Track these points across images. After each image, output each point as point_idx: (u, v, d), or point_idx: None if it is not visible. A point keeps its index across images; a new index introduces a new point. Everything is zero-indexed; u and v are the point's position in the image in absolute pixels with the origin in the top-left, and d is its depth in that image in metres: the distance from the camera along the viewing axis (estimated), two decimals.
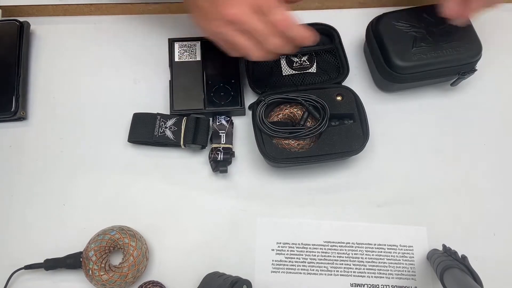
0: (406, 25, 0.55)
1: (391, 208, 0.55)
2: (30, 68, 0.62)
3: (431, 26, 0.55)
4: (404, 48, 0.54)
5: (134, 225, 0.54)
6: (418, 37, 0.54)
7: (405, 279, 0.52)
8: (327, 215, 0.55)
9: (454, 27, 0.54)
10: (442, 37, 0.54)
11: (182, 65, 0.59)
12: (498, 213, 0.55)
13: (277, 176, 0.56)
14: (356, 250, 0.53)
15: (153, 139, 0.56)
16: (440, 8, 0.52)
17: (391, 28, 0.55)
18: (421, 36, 0.54)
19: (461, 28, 0.54)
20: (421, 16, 0.55)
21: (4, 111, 0.58)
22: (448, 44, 0.54)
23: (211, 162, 0.55)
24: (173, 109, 0.57)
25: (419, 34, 0.55)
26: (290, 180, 0.56)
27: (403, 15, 0.56)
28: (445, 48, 0.54)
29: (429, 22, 0.55)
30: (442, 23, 0.54)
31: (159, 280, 0.52)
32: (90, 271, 0.49)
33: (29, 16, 0.64)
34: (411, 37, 0.55)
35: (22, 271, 0.51)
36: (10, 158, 0.58)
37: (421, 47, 0.54)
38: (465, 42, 0.54)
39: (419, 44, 0.54)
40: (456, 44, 0.54)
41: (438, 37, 0.54)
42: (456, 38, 0.54)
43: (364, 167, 0.57)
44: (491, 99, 0.60)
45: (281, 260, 0.53)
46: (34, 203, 0.56)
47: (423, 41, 0.54)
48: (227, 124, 0.57)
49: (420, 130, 0.59)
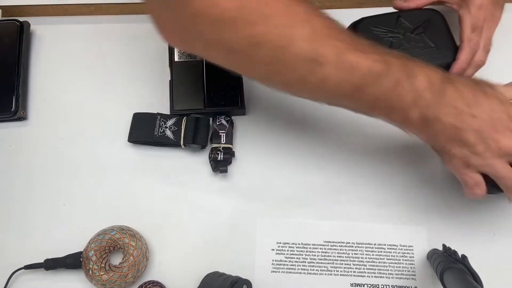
0: (383, 30, 0.54)
1: (391, 208, 0.55)
2: (30, 68, 0.62)
3: (408, 31, 0.54)
4: None
5: (134, 225, 0.54)
6: (394, 42, 0.54)
7: (405, 279, 0.52)
8: (327, 215, 0.55)
9: (431, 33, 0.53)
10: (418, 42, 0.54)
11: (182, 65, 0.59)
12: (498, 213, 0.55)
13: (277, 176, 0.57)
14: (356, 250, 0.53)
15: (153, 139, 0.56)
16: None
17: (370, 33, 0.54)
18: (397, 42, 0.54)
19: (439, 34, 0.54)
20: (398, 20, 0.55)
21: (4, 111, 0.58)
22: (424, 50, 0.53)
23: (211, 162, 0.55)
24: (173, 109, 0.57)
25: (395, 40, 0.54)
26: (290, 180, 0.56)
27: (381, 20, 0.55)
28: (420, 54, 0.53)
29: (406, 27, 0.54)
30: (419, 28, 0.54)
31: (159, 280, 0.52)
32: (90, 271, 0.49)
33: (29, 16, 0.64)
34: (388, 42, 0.54)
35: (22, 271, 0.51)
36: (10, 158, 0.58)
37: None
38: (441, 48, 0.53)
39: (395, 49, 0.53)
40: (432, 51, 0.53)
41: (414, 43, 0.54)
42: (432, 43, 0.53)
43: (364, 166, 0.57)
44: None
45: (281, 260, 0.53)
46: (34, 203, 0.56)
47: (399, 47, 0.53)
48: (227, 124, 0.57)
49: None
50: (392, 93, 0.41)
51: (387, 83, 0.41)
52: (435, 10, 0.56)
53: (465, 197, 0.55)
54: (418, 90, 0.41)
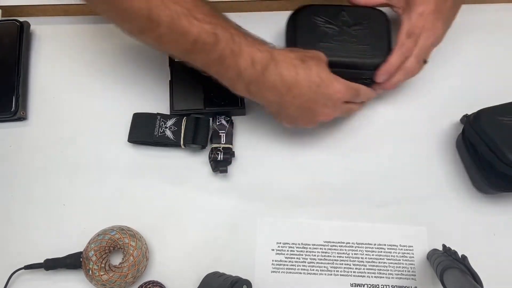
0: (322, 21, 0.54)
1: (391, 208, 0.55)
2: (30, 68, 0.62)
3: (346, 25, 0.54)
4: (312, 42, 0.53)
5: (134, 225, 0.54)
6: (329, 33, 0.53)
7: (405, 279, 0.52)
8: (327, 215, 0.55)
9: (370, 32, 0.53)
10: (352, 38, 0.53)
11: (182, 65, 0.58)
12: (498, 213, 0.55)
13: (276, 176, 0.57)
14: (356, 250, 0.53)
15: (153, 139, 0.56)
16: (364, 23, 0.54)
17: (309, 20, 0.54)
18: (331, 33, 0.53)
19: (377, 34, 0.53)
20: (340, 14, 0.54)
21: (4, 111, 0.58)
22: (356, 46, 0.53)
23: (211, 162, 0.55)
24: (173, 109, 0.57)
25: (330, 31, 0.54)
26: (290, 180, 0.56)
27: (324, 10, 0.55)
28: (351, 49, 0.53)
29: (346, 22, 0.54)
30: (359, 25, 0.54)
31: (159, 280, 0.52)
32: (90, 271, 0.49)
33: (29, 16, 0.64)
34: (323, 32, 0.54)
35: (22, 271, 0.51)
36: (10, 158, 0.58)
37: (330, 43, 0.53)
38: (374, 48, 0.53)
39: (328, 40, 0.53)
40: (364, 48, 0.53)
41: (348, 37, 0.53)
42: (366, 41, 0.53)
43: (364, 166, 0.57)
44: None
45: (281, 260, 0.53)
46: (34, 203, 0.56)
47: (333, 38, 0.53)
48: (227, 124, 0.57)
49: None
50: (218, 65, 0.46)
51: (212, 55, 0.45)
52: (381, 11, 0.55)
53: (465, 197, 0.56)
54: (240, 68, 0.45)
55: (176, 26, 0.43)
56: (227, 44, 0.44)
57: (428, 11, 0.51)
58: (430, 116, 0.59)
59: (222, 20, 0.45)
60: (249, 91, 0.48)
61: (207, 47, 0.44)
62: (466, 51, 0.58)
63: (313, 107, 0.49)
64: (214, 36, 0.44)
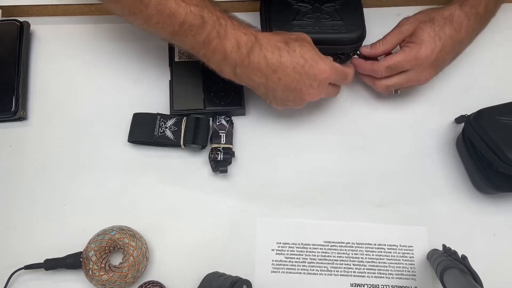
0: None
1: (391, 208, 0.55)
2: (30, 68, 0.62)
3: (318, 3, 0.55)
4: (285, 20, 0.54)
5: (134, 225, 0.54)
6: (302, 11, 0.55)
7: (405, 279, 0.52)
8: (327, 215, 0.55)
9: (343, 9, 0.55)
10: (325, 14, 0.55)
11: (182, 65, 0.59)
12: (498, 213, 0.55)
13: (276, 176, 0.57)
14: (356, 250, 0.53)
15: (153, 139, 0.56)
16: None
17: (280, 0, 0.56)
18: (304, 11, 0.55)
19: (351, 12, 0.55)
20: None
21: (4, 111, 0.58)
22: (329, 22, 0.54)
23: (211, 162, 0.55)
24: (173, 109, 0.57)
25: (303, 9, 0.55)
26: (290, 180, 0.56)
27: None
28: (325, 26, 0.54)
29: (318, 0, 0.55)
30: (332, 2, 0.55)
31: (159, 280, 0.52)
32: (90, 271, 0.49)
33: (29, 16, 0.64)
34: (295, 10, 0.55)
35: (22, 271, 0.51)
36: (10, 158, 0.58)
37: (302, 20, 0.54)
38: (348, 24, 0.54)
39: (301, 18, 0.54)
40: (338, 23, 0.54)
41: (321, 14, 0.55)
42: (339, 17, 0.55)
43: (364, 166, 0.57)
44: None
45: (281, 260, 0.53)
46: (34, 203, 0.56)
47: (306, 16, 0.55)
48: (227, 124, 0.57)
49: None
50: (205, 48, 0.47)
51: (199, 37, 0.46)
52: None
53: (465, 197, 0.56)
54: (226, 51, 0.47)
55: (163, 7, 0.44)
56: (213, 26, 0.45)
57: (426, 65, 0.53)
58: (430, 116, 0.59)
59: (208, 3, 0.46)
60: (235, 74, 0.49)
61: (194, 29, 0.45)
62: (465, 51, 0.58)
63: (299, 87, 0.50)
64: (200, 18, 0.45)
